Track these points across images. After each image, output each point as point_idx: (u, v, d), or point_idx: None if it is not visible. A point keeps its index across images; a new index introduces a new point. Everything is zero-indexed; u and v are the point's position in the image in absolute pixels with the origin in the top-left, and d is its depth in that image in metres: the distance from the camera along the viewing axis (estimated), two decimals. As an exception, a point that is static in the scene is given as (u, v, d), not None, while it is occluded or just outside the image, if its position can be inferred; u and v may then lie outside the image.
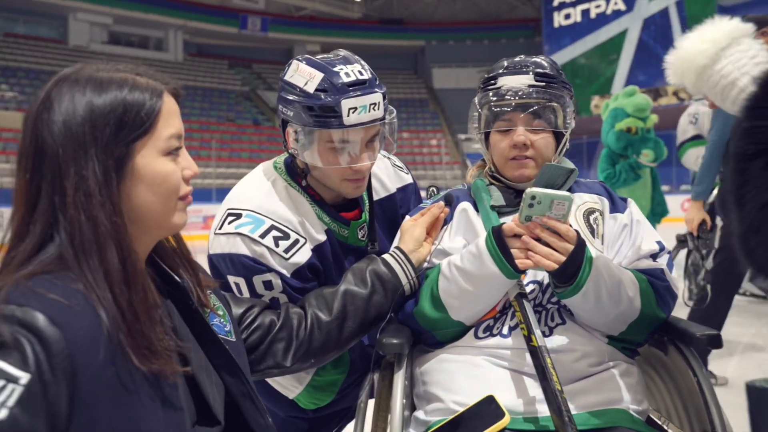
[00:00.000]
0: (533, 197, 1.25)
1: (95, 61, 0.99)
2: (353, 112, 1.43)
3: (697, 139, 4.98)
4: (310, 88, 1.45)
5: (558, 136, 1.54)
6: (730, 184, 0.86)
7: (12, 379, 0.75)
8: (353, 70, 1.48)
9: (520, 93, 1.49)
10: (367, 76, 1.49)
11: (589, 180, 1.65)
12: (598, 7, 24.16)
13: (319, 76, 1.45)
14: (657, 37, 21.72)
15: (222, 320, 1.12)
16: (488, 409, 1.25)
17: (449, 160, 26.67)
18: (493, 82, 1.55)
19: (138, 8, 26.15)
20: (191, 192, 1.02)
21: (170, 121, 0.97)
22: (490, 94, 1.53)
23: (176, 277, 1.04)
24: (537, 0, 28.41)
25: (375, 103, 1.46)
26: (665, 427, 1.50)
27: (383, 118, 1.50)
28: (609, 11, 23.76)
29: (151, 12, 26.53)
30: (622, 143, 5.33)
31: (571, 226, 1.29)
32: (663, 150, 5.30)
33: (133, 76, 0.96)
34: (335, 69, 1.47)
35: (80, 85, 0.91)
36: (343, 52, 1.55)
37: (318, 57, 1.52)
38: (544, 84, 1.50)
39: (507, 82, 1.52)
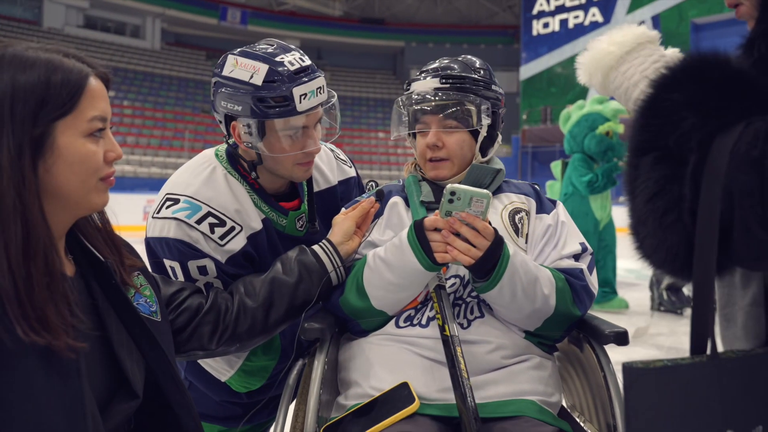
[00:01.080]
0: (453, 193, 1.31)
1: (24, 40, 1.03)
2: (304, 98, 1.48)
3: None
4: (258, 81, 1.48)
5: (477, 136, 1.60)
6: (624, 179, 0.92)
7: None
8: (295, 58, 1.52)
9: (425, 97, 1.57)
10: (308, 62, 1.54)
11: (519, 181, 1.71)
12: (576, 17, 24.46)
13: (263, 67, 1.48)
14: (632, 50, 22.01)
15: (148, 300, 1.16)
16: (401, 394, 1.30)
17: (423, 162, 26.71)
18: (408, 87, 1.64)
19: (116, -7, 25.84)
20: (113, 174, 1.05)
21: (94, 103, 1.00)
22: (403, 98, 1.62)
23: (99, 256, 1.08)
24: (517, 8, 28.71)
25: (320, 87, 1.53)
26: (578, 421, 1.57)
27: (328, 101, 1.57)
28: (587, 22, 24.08)
29: (129, -2, 26.24)
30: (604, 147, 5.36)
31: (490, 223, 1.35)
32: None
33: (60, 57, 0.99)
34: (277, 59, 1.50)
35: (4, 63, 0.94)
36: (275, 41, 1.59)
37: (252, 48, 1.55)
38: (448, 86, 1.56)
39: (417, 87, 1.60)
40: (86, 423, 0.94)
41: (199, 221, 1.51)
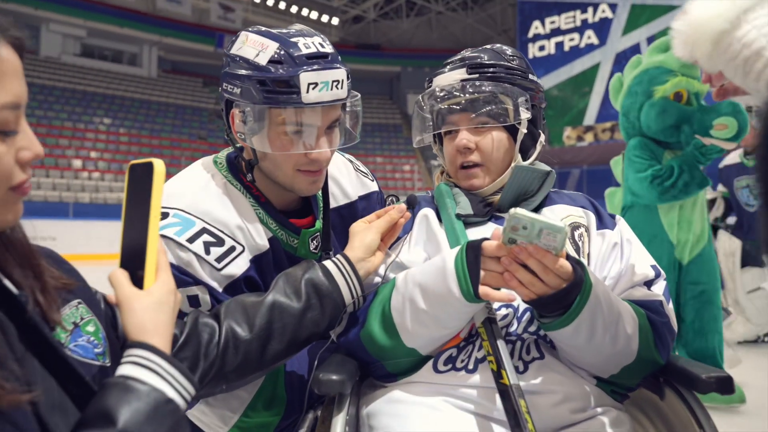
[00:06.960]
0: (518, 221, 1.00)
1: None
2: (313, 89, 1.20)
3: None
4: (262, 60, 1.22)
5: (516, 135, 1.32)
6: (758, 173, 0.66)
7: None
8: (313, 42, 1.25)
9: (450, 92, 1.30)
10: (329, 49, 1.26)
11: (572, 192, 1.42)
12: (572, 40, 24.51)
13: (272, 45, 1.23)
14: (629, 71, 22.08)
15: (92, 338, 0.83)
16: None
17: (422, 186, 26.61)
18: (429, 84, 1.36)
19: (113, 22, 25.82)
20: (28, 180, 0.73)
21: (3, 84, 0.69)
22: (425, 96, 1.34)
23: (11, 287, 0.75)
24: (512, 31, 28.82)
25: (338, 81, 1.23)
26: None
27: (346, 99, 1.28)
28: (582, 45, 24.12)
29: (126, 26, 26.23)
30: (672, 118, 3.00)
31: (568, 257, 1.05)
32: (746, 120, 2.87)
33: None
34: (292, 40, 1.24)
35: None
36: (300, 26, 1.33)
37: (273, 29, 1.29)
38: (477, 76, 1.29)
39: (440, 81, 1.33)
40: None
41: (192, 239, 1.22)
